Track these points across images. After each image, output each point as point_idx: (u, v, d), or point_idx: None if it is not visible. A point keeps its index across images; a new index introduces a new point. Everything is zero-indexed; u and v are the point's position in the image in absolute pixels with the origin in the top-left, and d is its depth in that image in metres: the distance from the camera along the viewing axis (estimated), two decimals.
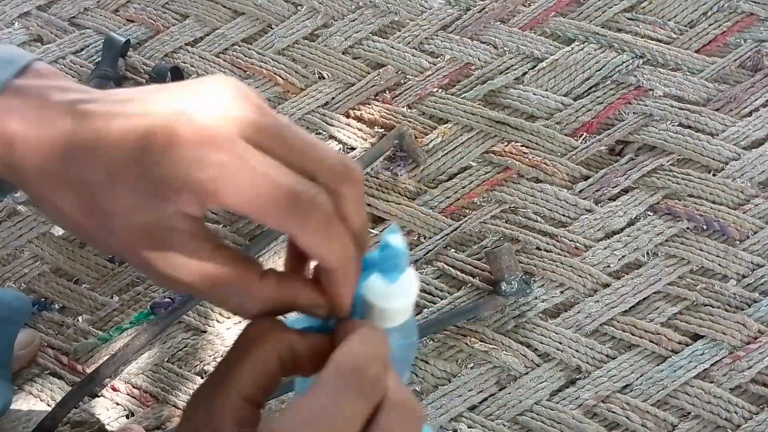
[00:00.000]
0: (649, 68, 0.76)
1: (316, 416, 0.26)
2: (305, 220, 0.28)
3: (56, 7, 0.85)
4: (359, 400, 0.26)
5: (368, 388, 0.27)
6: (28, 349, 0.67)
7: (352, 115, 0.76)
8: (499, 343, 0.66)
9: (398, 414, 0.27)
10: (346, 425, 0.26)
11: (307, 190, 0.28)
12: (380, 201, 0.72)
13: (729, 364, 0.64)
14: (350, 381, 0.27)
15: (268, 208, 0.27)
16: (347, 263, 0.29)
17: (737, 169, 0.71)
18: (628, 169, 0.72)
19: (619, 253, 0.69)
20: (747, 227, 0.69)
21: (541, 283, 0.68)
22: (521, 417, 0.64)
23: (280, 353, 0.28)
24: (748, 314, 0.66)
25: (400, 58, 0.79)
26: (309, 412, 0.26)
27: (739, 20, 0.78)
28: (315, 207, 0.28)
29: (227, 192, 0.27)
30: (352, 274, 0.30)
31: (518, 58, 0.78)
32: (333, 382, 0.26)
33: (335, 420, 0.26)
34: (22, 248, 0.72)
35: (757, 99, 0.74)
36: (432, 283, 0.69)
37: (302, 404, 0.26)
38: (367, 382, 0.27)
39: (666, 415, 0.63)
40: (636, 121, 0.74)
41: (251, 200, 0.27)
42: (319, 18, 0.81)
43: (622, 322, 0.66)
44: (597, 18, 0.79)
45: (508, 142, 0.74)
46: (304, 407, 0.26)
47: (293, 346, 0.29)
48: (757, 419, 0.62)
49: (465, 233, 0.71)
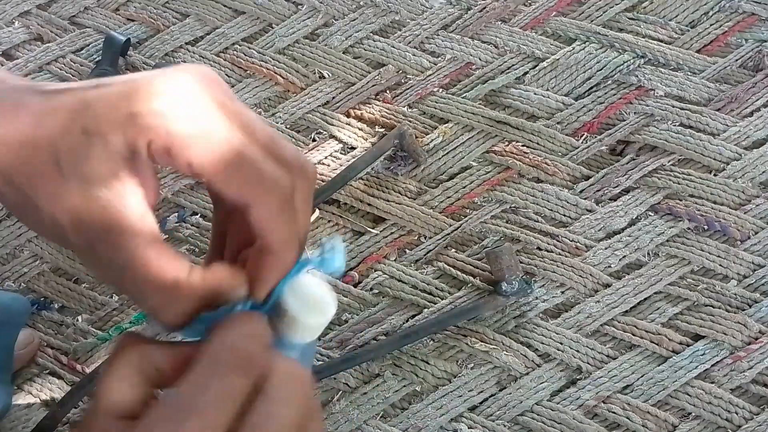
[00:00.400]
0: (650, 68, 0.76)
1: (184, 404, 0.24)
2: (266, 196, 0.28)
3: (56, 6, 0.85)
4: (234, 378, 0.25)
5: (243, 364, 0.26)
6: (27, 349, 0.67)
7: (353, 115, 0.76)
8: (499, 343, 0.66)
9: (284, 379, 0.26)
10: (220, 407, 0.25)
11: (273, 170, 0.28)
12: (380, 201, 0.72)
13: (730, 365, 0.64)
14: (220, 361, 0.26)
15: (233, 175, 0.28)
16: (288, 248, 0.29)
17: (738, 170, 0.71)
18: (629, 169, 0.72)
19: (620, 253, 0.69)
20: (748, 227, 0.69)
21: (541, 283, 0.68)
22: (522, 417, 0.64)
23: (140, 367, 0.28)
24: (749, 315, 0.66)
25: (401, 58, 0.78)
26: (174, 402, 0.24)
27: (740, 20, 0.78)
28: (278, 186, 0.28)
29: (197, 148, 0.27)
30: (286, 262, 0.30)
31: (519, 58, 0.78)
32: (201, 366, 0.25)
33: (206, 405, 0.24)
34: (22, 247, 0.72)
35: (758, 99, 0.74)
36: (432, 283, 0.69)
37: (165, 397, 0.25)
38: (241, 359, 0.26)
39: (667, 416, 0.63)
40: (637, 121, 0.74)
41: (219, 162, 0.27)
42: (320, 17, 0.81)
43: (623, 323, 0.66)
44: (598, 18, 0.79)
45: (509, 142, 0.74)
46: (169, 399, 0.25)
47: (154, 359, 0.28)
48: (758, 420, 0.62)
49: (465, 233, 0.70)
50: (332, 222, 0.72)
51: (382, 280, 0.69)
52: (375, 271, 0.70)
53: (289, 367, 0.27)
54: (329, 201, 0.72)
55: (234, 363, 0.26)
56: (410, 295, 0.68)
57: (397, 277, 0.69)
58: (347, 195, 0.72)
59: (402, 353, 0.66)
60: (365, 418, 0.64)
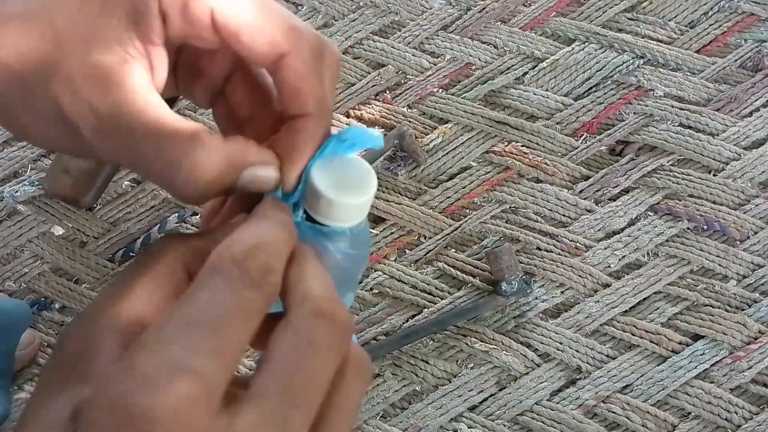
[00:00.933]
0: (649, 68, 0.76)
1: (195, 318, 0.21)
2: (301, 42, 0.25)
3: None
4: (248, 292, 0.22)
5: (263, 276, 0.22)
6: (28, 349, 0.67)
7: (353, 115, 0.76)
8: (499, 343, 0.66)
9: (317, 314, 0.22)
10: (237, 323, 0.21)
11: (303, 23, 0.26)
12: (380, 201, 0.72)
13: (729, 365, 0.64)
14: (233, 270, 0.22)
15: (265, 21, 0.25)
16: (325, 108, 0.26)
17: (738, 170, 0.71)
18: (629, 169, 0.72)
19: (620, 253, 0.69)
20: (747, 227, 0.69)
21: (541, 283, 0.68)
22: (521, 417, 0.64)
23: (185, 261, 0.24)
24: (749, 314, 0.66)
25: (401, 58, 0.79)
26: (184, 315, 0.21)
27: (739, 20, 0.78)
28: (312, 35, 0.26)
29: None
30: (324, 124, 0.26)
31: (519, 58, 0.78)
32: (211, 276, 0.22)
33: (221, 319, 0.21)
34: (22, 248, 0.72)
35: (757, 99, 0.74)
36: (432, 283, 0.69)
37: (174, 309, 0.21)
38: (259, 269, 0.22)
39: (666, 416, 0.63)
40: (636, 121, 0.74)
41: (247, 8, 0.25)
42: (320, 18, 0.81)
43: (623, 323, 0.66)
44: (597, 18, 0.79)
45: (509, 142, 0.74)
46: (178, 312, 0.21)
47: (200, 249, 0.24)
48: (757, 419, 0.62)
49: (465, 233, 0.71)
50: None
51: (382, 280, 0.69)
52: (375, 271, 0.70)
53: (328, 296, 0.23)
54: None
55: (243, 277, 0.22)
56: (410, 295, 0.68)
57: (397, 277, 0.69)
58: None
59: (402, 353, 0.66)
60: (365, 418, 0.64)
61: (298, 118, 0.26)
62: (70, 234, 0.72)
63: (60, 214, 0.73)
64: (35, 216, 0.73)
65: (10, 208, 0.73)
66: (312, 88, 0.26)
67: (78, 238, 0.72)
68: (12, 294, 0.70)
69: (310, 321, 0.22)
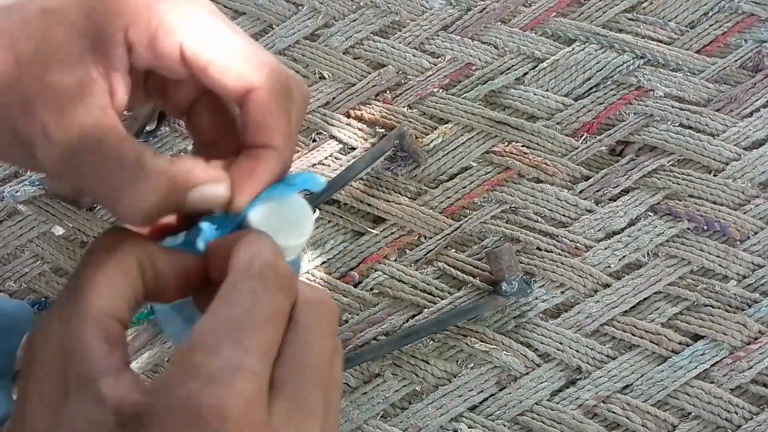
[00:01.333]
0: (649, 69, 0.76)
1: (241, 320, 0.23)
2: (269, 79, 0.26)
3: None
4: (280, 297, 0.24)
5: (287, 283, 0.24)
6: None
7: (353, 115, 0.76)
8: (499, 343, 0.66)
9: (315, 309, 0.25)
10: (274, 324, 0.23)
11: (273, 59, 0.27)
12: (380, 201, 0.72)
13: (729, 365, 0.64)
14: (267, 278, 0.24)
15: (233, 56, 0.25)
16: (287, 145, 0.27)
17: (738, 170, 0.71)
18: (629, 169, 0.72)
19: (620, 253, 0.69)
20: (747, 228, 0.69)
21: (541, 283, 0.68)
22: (521, 417, 0.64)
23: (141, 263, 0.25)
24: (749, 315, 0.66)
25: (401, 58, 0.79)
26: (231, 318, 0.23)
27: (739, 21, 0.78)
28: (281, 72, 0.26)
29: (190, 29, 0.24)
30: (283, 160, 0.27)
31: (519, 59, 0.78)
32: (248, 282, 0.24)
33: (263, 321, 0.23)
34: (23, 248, 0.72)
35: (757, 99, 0.74)
36: (432, 283, 0.69)
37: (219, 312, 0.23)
38: (283, 278, 0.24)
39: (666, 416, 0.63)
40: (637, 121, 0.74)
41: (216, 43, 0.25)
42: (320, 18, 0.81)
43: (623, 323, 0.66)
44: (598, 18, 0.79)
45: (509, 143, 0.74)
46: (223, 314, 0.23)
47: (155, 259, 0.25)
48: (757, 419, 0.62)
49: (465, 233, 0.71)
50: (332, 222, 0.72)
51: (382, 281, 0.69)
52: (375, 271, 0.70)
53: (319, 295, 0.26)
54: (329, 201, 0.72)
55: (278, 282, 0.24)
56: (410, 295, 0.68)
57: (397, 277, 0.69)
58: (347, 195, 0.72)
59: (402, 353, 0.66)
60: (365, 418, 0.64)
61: (261, 148, 0.27)
62: (71, 234, 0.72)
63: (60, 214, 0.73)
64: (36, 216, 0.73)
65: (11, 208, 0.73)
66: (278, 124, 0.27)
67: (78, 238, 0.72)
68: (12, 294, 0.70)
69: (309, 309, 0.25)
